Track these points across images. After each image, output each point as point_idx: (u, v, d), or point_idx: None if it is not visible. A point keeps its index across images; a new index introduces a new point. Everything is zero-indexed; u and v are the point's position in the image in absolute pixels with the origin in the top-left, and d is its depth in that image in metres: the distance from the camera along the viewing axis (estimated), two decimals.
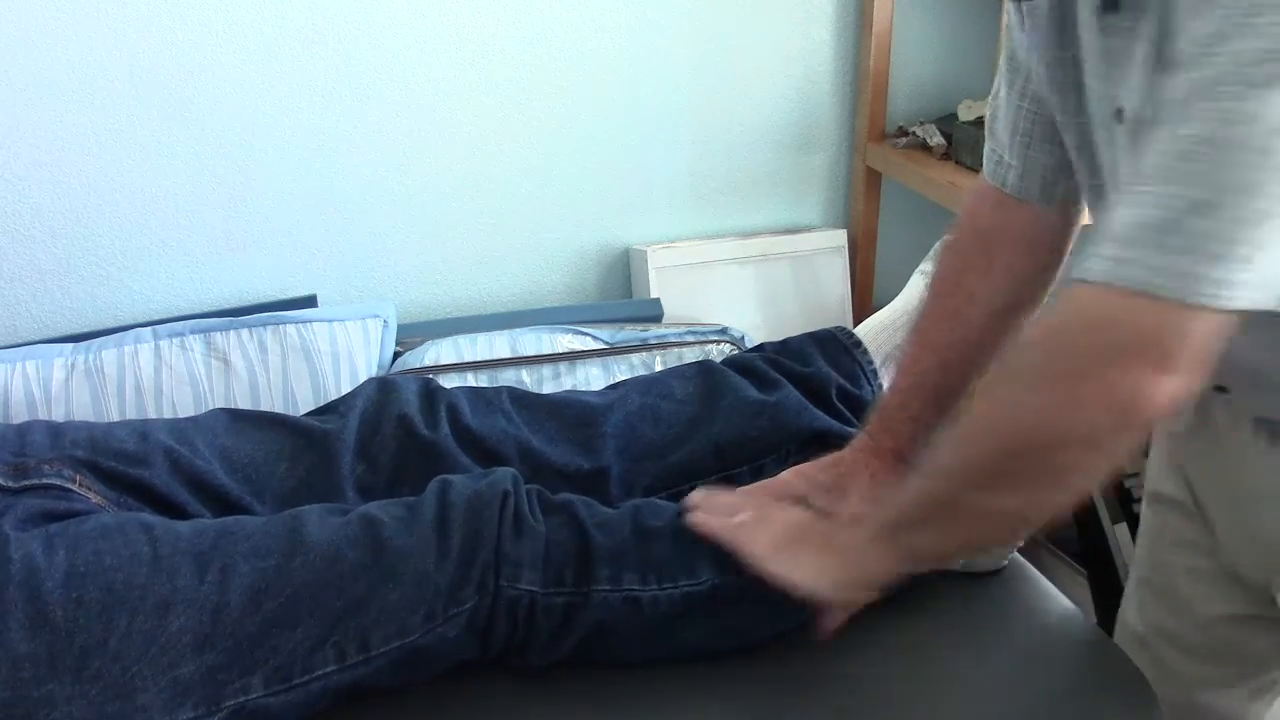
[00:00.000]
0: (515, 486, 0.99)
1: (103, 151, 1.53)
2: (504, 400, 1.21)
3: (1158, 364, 0.69)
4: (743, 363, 1.29)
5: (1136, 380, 0.70)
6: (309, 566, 0.92)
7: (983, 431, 0.80)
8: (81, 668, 0.85)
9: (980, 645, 1.03)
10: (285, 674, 0.89)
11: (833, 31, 1.81)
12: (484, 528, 0.95)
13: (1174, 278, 0.67)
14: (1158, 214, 0.68)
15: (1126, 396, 0.70)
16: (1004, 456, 0.78)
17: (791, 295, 1.88)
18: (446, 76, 1.64)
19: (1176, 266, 0.67)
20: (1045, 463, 0.76)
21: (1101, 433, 0.73)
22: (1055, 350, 0.75)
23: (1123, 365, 0.70)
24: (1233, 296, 0.66)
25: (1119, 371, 0.70)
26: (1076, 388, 0.72)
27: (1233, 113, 0.65)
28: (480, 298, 1.79)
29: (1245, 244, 0.65)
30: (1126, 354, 0.70)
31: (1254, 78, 0.64)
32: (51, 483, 1.00)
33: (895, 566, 0.89)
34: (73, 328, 1.59)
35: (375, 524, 0.95)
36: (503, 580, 0.94)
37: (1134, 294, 0.68)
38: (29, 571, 0.87)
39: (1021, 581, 1.10)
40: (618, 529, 0.98)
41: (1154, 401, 0.70)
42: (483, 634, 0.95)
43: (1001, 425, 0.78)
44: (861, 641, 1.01)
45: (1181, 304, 0.67)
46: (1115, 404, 0.71)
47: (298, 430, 1.15)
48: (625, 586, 0.96)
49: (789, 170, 1.89)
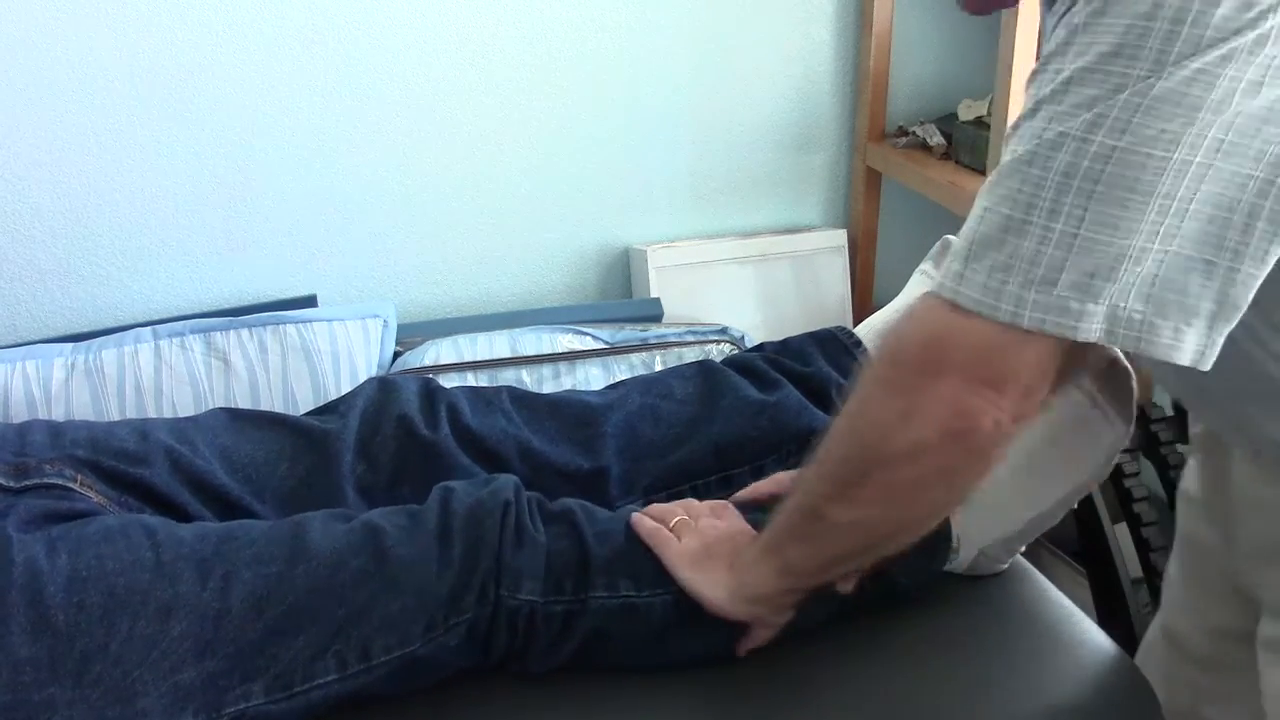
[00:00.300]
0: (517, 495, 0.99)
1: (103, 151, 1.53)
2: (504, 400, 1.21)
3: (984, 384, 0.69)
4: (743, 362, 1.29)
5: (961, 399, 0.69)
6: (311, 574, 0.91)
7: (834, 439, 0.80)
8: (82, 672, 0.85)
9: (980, 645, 1.03)
10: (286, 681, 0.89)
11: (833, 31, 1.81)
12: (485, 537, 0.95)
13: (1003, 299, 0.66)
14: (983, 230, 0.68)
15: (949, 414, 0.70)
16: (847, 465, 0.78)
17: (791, 295, 1.88)
18: (446, 76, 1.64)
19: (1006, 287, 0.66)
20: (884, 476, 0.75)
21: (929, 449, 0.72)
22: (893, 359, 0.74)
23: (949, 382, 0.70)
24: (1062, 324, 0.66)
25: (945, 388, 0.70)
26: (905, 400, 0.72)
27: (1045, 133, 0.65)
28: (480, 298, 1.79)
29: (1074, 270, 0.65)
30: (953, 371, 0.69)
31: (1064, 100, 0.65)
32: (53, 482, 1.00)
33: (779, 582, 0.89)
34: (73, 328, 1.59)
35: (378, 532, 0.95)
36: (503, 590, 0.94)
37: (966, 311, 0.68)
38: (31, 575, 0.87)
39: (1021, 581, 1.10)
40: (614, 537, 0.98)
41: (979, 423, 0.70)
42: (483, 642, 0.95)
43: (846, 435, 0.78)
44: (861, 642, 1.01)
45: (1012, 327, 0.66)
46: (939, 420, 0.71)
47: (298, 430, 1.14)
48: (622, 593, 0.96)
49: (789, 170, 1.89)
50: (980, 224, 0.68)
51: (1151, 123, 0.63)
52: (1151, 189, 0.63)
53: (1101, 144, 0.64)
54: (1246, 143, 0.63)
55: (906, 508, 0.79)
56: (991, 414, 0.70)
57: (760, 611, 0.93)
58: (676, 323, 1.68)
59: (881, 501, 0.78)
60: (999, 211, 0.67)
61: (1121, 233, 0.64)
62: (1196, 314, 0.65)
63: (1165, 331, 0.66)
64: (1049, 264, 0.65)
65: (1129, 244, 0.64)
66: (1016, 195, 0.66)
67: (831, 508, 0.80)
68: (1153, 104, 0.62)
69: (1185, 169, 0.63)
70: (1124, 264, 0.64)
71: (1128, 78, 0.63)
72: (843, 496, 0.79)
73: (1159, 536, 1.50)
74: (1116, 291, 0.65)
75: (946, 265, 0.70)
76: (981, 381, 0.69)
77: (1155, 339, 0.66)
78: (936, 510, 0.82)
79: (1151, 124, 0.63)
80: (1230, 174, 0.63)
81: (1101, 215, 0.64)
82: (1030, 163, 0.66)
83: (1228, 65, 0.62)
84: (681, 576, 0.94)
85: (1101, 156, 0.64)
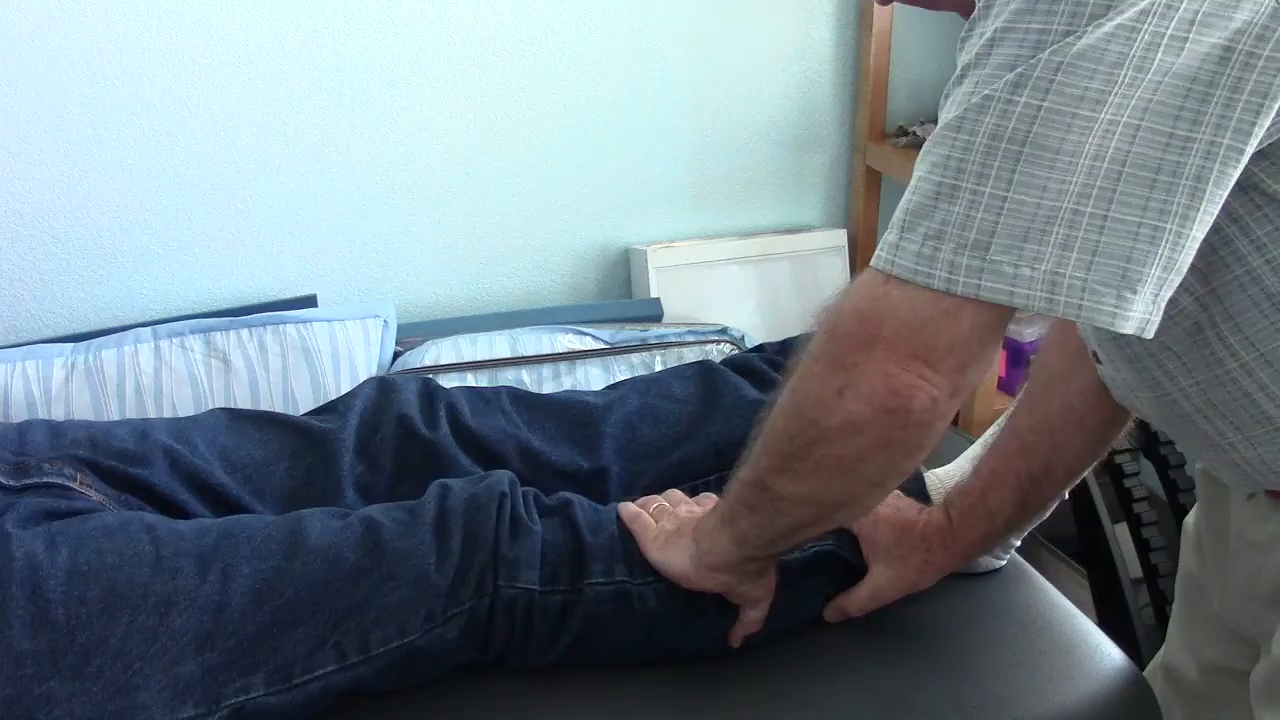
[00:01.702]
0: (512, 488, 1.00)
1: (103, 151, 1.53)
2: (504, 400, 1.21)
3: (917, 359, 0.68)
4: (742, 363, 1.29)
5: (892, 371, 0.68)
6: (310, 568, 0.92)
7: (778, 414, 0.79)
8: (83, 665, 0.85)
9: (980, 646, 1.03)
10: (286, 673, 0.90)
11: (833, 31, 1.81)
12: (482, 529, 0.95)
13: (936, 266, 0.65)
14: (916, 199, 0.66)
15: (883, 390, 0.69)
16: (788, 439, 0.77)
17: (791, 295, 1.88)
18: (446, 76, 1.64)
19: (939, 254, 0.65)
20: (825, 450, 0.75)
21: (865, 425, 0.71)
22: (830, 333, 0.73)
23: (881, 354, 0.68)
24: (996, 289, 0.64)
25: (877, 361, 0.69)
26: (840, 374, 0.71)
27: (971, 97, 0.64)
28: (480, 298, 1.79)
29: (1005, 234, 0.63)
30: (886, 346, 0.68)
31: (988, 63, 0.63)
32: (52, 481, 1.00)
33: (736, 550, 0.90)
34: (73, 328, 1.59)
35: (376, 527, 0.95)
36: (501, 580, 0.94)
37: (901, 282, 0.66)
38: (31, 569, 0.87)
39: (1021, 581, 1.10)
40: (607, 526, 0.99)
41: (912, 400, 0.69)
42: (482, 634, 0.95)
43: (788, 409, 0.77)
44: (860, 642, 1.01)
45: (946, 294, 0.65)
46: (873, 396, 0.70)
47: (298, 430, 1.15)
48: (616, 579, 0.96)
49: (789, 170, 1.89)
50: (913, 193, 0.67)
51: (1074, 81, 0.61)
52: (1078, 149, 0.62)
53: (1026, 104, 0.62)
54: (1177, 102, 0.61)
55: (850, 481, 0.78)
56: (925, 390, 0.69)
57: (726, 581, 0.93)
58: (676, 323, 1.68)
59: (825, 475, 0.77)
60: (930, 179, 0.66)
61: (1050, 194, 0.62)
62: (1140, 280, 0.63)
63: (1108, 298, 0.63)
64: (979, 228, 0.64)
65: (1059, 205, 0.62)
66: (946, 161, 0.65)
67: (777, 480, 0.80)
68: (1073, 62, 0.61)
69: (1113, 129, 0.61)
70: (1055, 227, 0.63)
71: (1046, 34, 0.62)
72: (788, 469, 0.78)
73: (1159, 536, 1.50)
74: (1052, 256, 0.63)
75: (884, 237, 0.68)
76: (914, 356, 0.68)
77: (1098, 306, 0.63)
78: (884, 481, 0.80)
79: (1074, 83, 0.61)
80: (1165, 135, 0.61)
81: (1029, 177, 0.62)
82: (958, 128, 0.64)
83: (1146, 19, 0.60)
84: (652, 557, 0.95)
85: (1026, 117, 0.62)
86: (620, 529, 0.99)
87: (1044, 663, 1.02)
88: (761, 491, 0.82)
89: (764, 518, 0.85)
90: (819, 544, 1.01)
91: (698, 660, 1.00)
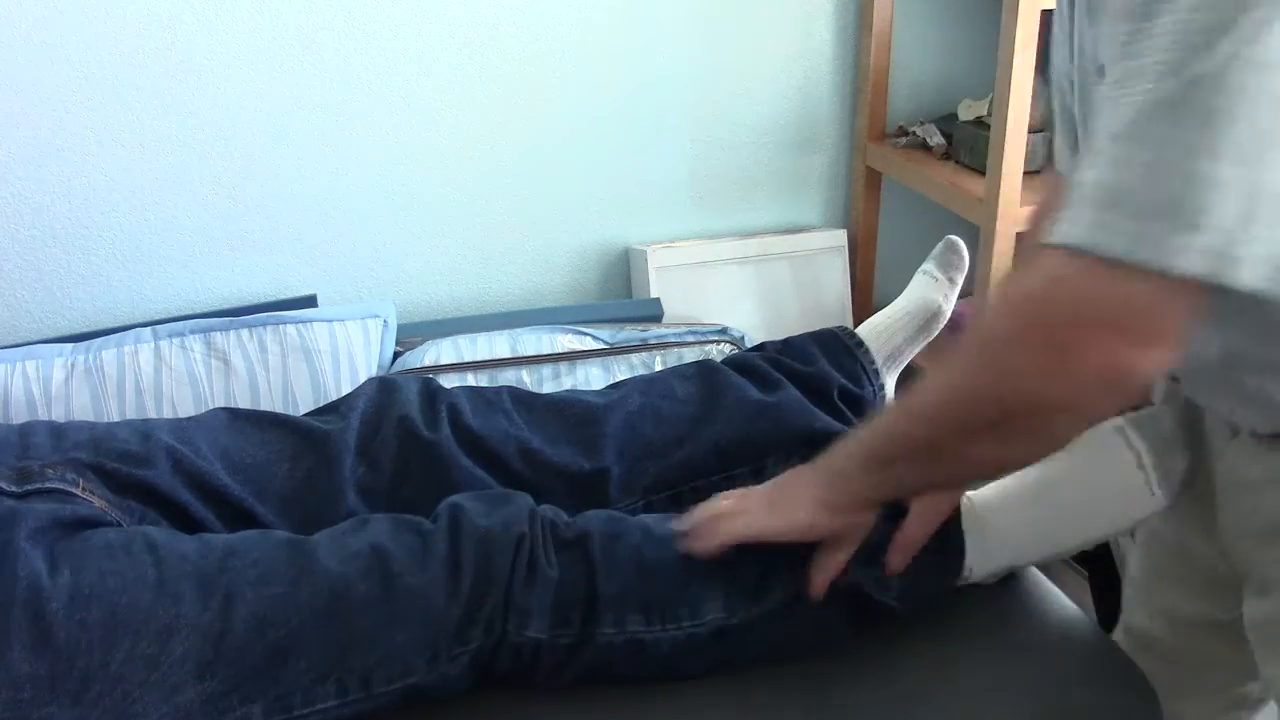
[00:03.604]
0: (531, 525, 0.98)
1: (103, 152, 1.53)
2: (505, 400, 1.20)
3: (1141, 335, 0.69)
4: (743, 362, 1.29)
5: (1121, 353, 0.69)
6: (316, 596, 0.91)
7: (969, 390, 0.79)
8: (82, 690, 0.84)
9: (980, 645, 1.03)
10: (286, 704, 0.89)
11: (833, 31, 1.81)
12: (496, 571, 0.94)
13: (1151, 245, 0.65)
14: (1122, 177, 0.66)
15: (1111, 367, 0.70)
16: (987, 416, 0.78)
17: (791, 295, 1.88)
18: (446, 76, 1.64)
19: (1151, 233, 0.65)
20: (1030, 424, 0.76)
21: (1087, 400, 0.74)
22: (1039, 319, 0.73)
23: (1108, 338, 0.69)
24: (1220, 270, 0.64)
25: (1105, 344, 0.70)
26: (1062, 358, 0.71)
27: (1178, 72, 0.63)
28: (480, 298, 1.79)
29: (1218, 211, 0.63)
30: (1111, 328, 0.69)
31: (1194, 40, 0.63)
32: (54, 487, 0.99)
33: (885, 493, 0.91)
34: (73, 328, 1.59)
35: (386, 556, 0.94)
36: (510, 625, 0.93)
37: (1112, 263, 0.67)
38: (33, 591, 0.86)
39: (1022, 581, 1.10)
40: (624, 564, 0.97)
41: (1138, 371, 0.70)
42: (485, 669, 0.95)
43: (988, 388, 0.77)
44: (862, 642, 1.01)
45: (1163, 273, 0.65)
46: (1101, 375, 0.71)
47: (299, 431, 1.14)
48: (629, 629, 0.96)
49: (789, 170, 1.89)
50: (1118, 170, 0.66)
51: None
52: None
53: (1239, 80, 0.62)
54: None
55: (1049, 445, 0.83)
56: (1150, 361, 0.70)
57: (850, 520, 0.93)
58: (676, 323, 1.68)
59: (1022, 443, 0.79)
60: (1139, 159, 0.66)
61: (1272, 178, 0.63)
62: None
63: None
64: (1193, 208, 0.64)
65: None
66: (1157, 139, 0.65)
67: (956, 444, 0.81)
68: None
69: None
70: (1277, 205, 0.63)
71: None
72: (974, 439, 0.79)
73: None
74: (1270, 238, 0.64)
75: (1073, 214, 0.68)
76: (1139, 332, 0.69)
77: None
78: (1070, 438, 0.86)
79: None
80: None
81: (1247, 154, 0.63)
82: (1174, 105, 0.64)
83: None
84: (773, 523, 0.94)
85: (1237, 92, 0.62)
86: (641, 568, 0.97)
87: (1044, 663, 1.02)
88: (932, 451, 0.83)
89: (926, 470, 0.86)
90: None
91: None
